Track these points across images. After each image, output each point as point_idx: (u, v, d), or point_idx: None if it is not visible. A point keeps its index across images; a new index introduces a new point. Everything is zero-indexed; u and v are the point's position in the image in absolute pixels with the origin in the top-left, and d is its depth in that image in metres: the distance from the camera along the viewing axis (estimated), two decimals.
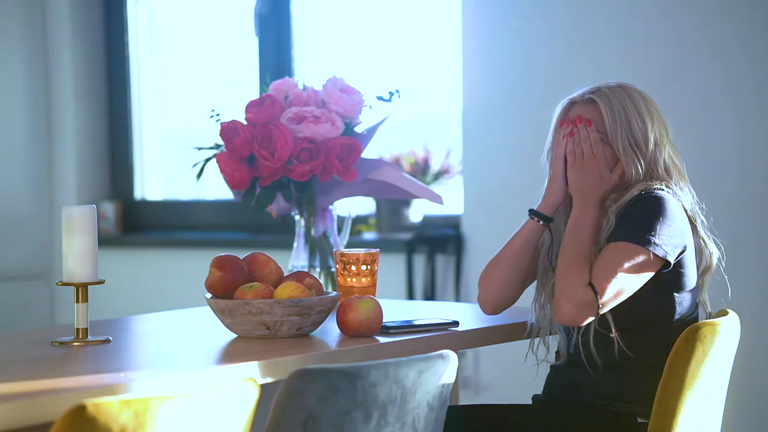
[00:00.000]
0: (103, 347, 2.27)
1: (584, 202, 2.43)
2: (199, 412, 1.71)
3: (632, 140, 2.43)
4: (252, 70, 4.86)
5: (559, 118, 2.52)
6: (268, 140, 2.76)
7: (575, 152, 2.45)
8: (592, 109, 2.47)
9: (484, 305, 2.55)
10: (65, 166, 5.16)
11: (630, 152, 2.43)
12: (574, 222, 2.42)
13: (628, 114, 2.44)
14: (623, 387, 2.40)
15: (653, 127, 2.44)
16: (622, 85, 2.48)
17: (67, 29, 5.11)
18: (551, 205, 2.49)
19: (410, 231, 4.43)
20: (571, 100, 2.52)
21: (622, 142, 2.43)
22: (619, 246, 2.34)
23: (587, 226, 2.41)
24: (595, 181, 2.43)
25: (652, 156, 2.44)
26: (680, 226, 2.37)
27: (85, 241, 2.29)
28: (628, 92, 2.46)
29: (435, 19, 4.57)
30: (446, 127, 4.53)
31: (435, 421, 2.05)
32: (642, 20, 3.80)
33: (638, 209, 2.37)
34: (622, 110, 2.44)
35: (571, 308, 2.34)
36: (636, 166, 2.43)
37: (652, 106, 2.48)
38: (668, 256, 2.34)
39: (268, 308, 2.28)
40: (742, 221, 3.61)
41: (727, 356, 2.38)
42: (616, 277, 2.32)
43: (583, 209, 2.42)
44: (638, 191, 2.39)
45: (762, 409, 3.63)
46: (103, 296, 3.89)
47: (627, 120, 2.44)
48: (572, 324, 2.36)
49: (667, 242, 2.34)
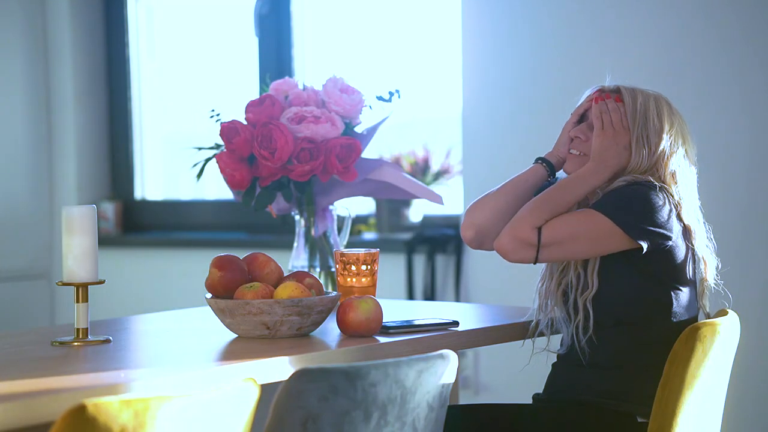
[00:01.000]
0: (103, 347, 2.27)
1: (597, 166, 2.46)
2: (199, 412, 1.71)
3: (644, 135, 2.46)
4: (252, 70, 4.86)
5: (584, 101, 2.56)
6: (268, 140, 2.76)
7: (603, 119, 2.48)
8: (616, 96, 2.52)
9: (467, 229, 2.54)
10: (65, 166, 5.16)
11: (640, 143, 2.46)
12: (575, 176, 2.47)
13: (647, 111, 2.48)
14: (623, 386, 2.40)
15: (669, 132, 2.47)
16: (654, 93, 2.52)
17: (67, 29, 5.11)
18: (555, 155, 2.56)
19: (410, 231, 4.43)
20: (600, 88, 2.56)
21: (636, 134, 2.46)
22: (585, 210, 2.40)
23: (585, 183, 2.45)
24: (619, 152, 2.46)
25: (659, 157, 2.45)
26: (661, 215, 2.37)
27: (85, 241, 2.29)
28: (656, 98, 2.51)
29: (435, 20, 4.57)
30: (446, 127, 4.53)
31: (435, 421, 2.05)
32: (643, 20, 3.80)
33: (620, 189, 2.41)
34: (642, 106, 2.49)
35: (509, 240, 2.39)
36: (641, 158, 2.45)
37: (678, 119, 2.51)
38: (638, 237, 2.35)
39: (268, 308, 2.28)
40: (747, 220, 3.61)
41: (727, 356, 2.38)
42: (567, 230, 2.37)
43: (593, 171, 2.45)
44: (626, 181, 2.42)
45: (762, 409, 3.63)
46: (103, 296, 3.89)
47: (644, 116, 2.48)
48: (505, 256, 2.41)
49: (641, 223, 2.35)
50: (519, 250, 2.39)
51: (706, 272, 2.46)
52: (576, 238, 2.37)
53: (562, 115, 2.62)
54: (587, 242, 2.38)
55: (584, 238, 2.37)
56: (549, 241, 2.38)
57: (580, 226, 2.38)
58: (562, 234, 2.38)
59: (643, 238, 2.36)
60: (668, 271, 2.40)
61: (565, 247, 2.38)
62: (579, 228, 2.38)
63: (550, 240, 2.38)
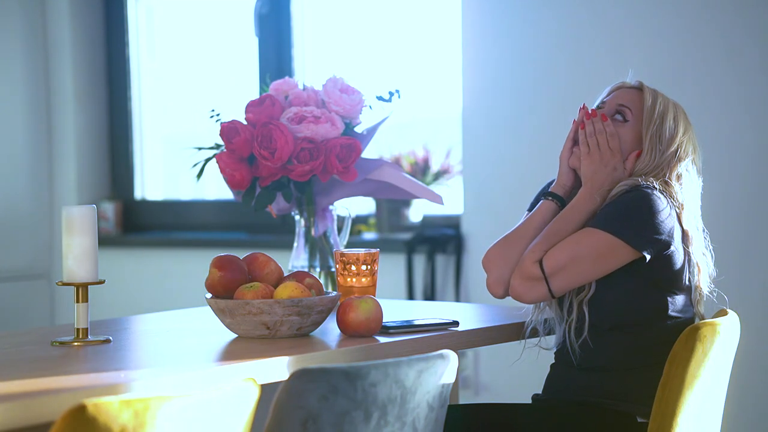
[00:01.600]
0: (103, 347, 2.27)
1: (589, 192, 2.44)
2: (199, 412, 1.71)
3: (658, 135, 2.46)
4: (252, 70, 4.86)
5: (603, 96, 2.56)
6: (268, 140, 2.76)
7: (589, 143, 2.47)
8: (636, 94, 2.51)
9: (496, 285, 2.46)
10: (65, 166, 5.16)
11: (654, 142, 2.46)
12: (571, 205, 2.45)
13: (665, 112, 2.48)
14: (623, 387, 2.40)
15: (683, 136, 2.48)
16: (674, 100, 2.52)
17: (67, 29, 5.11)
18: (561, 186, 2.52)
19: (410, 231, 4.43)
20: (622, 82, 2.56)
21: (651, 132, 2.46)
22: (585, 230, 2.38)
23: (581, 211, 2.43)
24: (609, 174, 2.45)
25: (669, 158, 2.45)
26: (663, 223, 2.36)
27: (85, 241, 2.29)
28: (675, 104, 2.52)
29: (435, 20, 4.57)
30: (446, 127, 4.53)
31: (435, 421, 2.05)
32: (645, 20, 3.80)
33: (619, 201, 2.39)
34: (661, 106, 2.49)
35: (518, 283, 2.39)
36: (651, 158, 2.45)
37: (691, 129, 2.52)
38: (641, 248, 2.34)
39: (268, 308, 2.28)
40: (748, 220, 3.61)
41: (727, 356, 2.38)
42: (567, 254, 2.35)
43: (586, 197, 2.44)
44: (628, 186, 2.40)
45: (762, 409, 3.63)
46: (103, 296, 3.89)
47: (662, 116, 2.48)
48: (521, 300, 2.40)
49: (642, 234, 2.34)
50: (530, 289, 2.37)
51: (699, 279, 2.45)
52: (578, 260, 2.35)
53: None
54: (591, 261, 2.35)
55: (587, 258, 2.35)
56: (552, 270, 2.36)
57: (579, 247, 2.36)
58: (563, 259, 2.36)
59: (646, 247, 2.35)
60: (667, 277, 2.40)
61: (570, 271, 2.36)
62: (579, 249, 2.36)
63: (553, 268, 2.36)
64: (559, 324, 2.47)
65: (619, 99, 2.51)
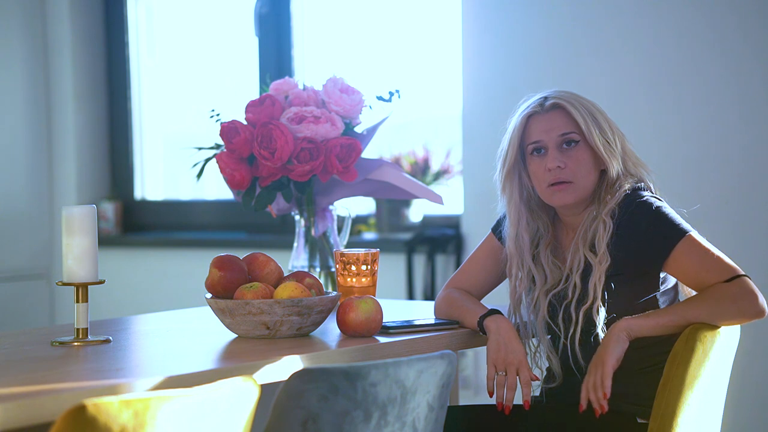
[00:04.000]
0: (103, 347, 2.27)
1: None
2: (199, 412, 1.71)
3: (604, 137, 2.43)
4: (252, 70, 4.86)
5: (518, 133, 2.49)
6: (268, 140, 2.76)
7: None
8: (559, 115, 2.44)
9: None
10: (65, 166, 5.16)
11: (608, 149, 2.42)
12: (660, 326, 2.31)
13: (593, 113, 2.44)
14: (623, 387, 2.40)
15: (612, 124, 2.45)
16: (568, 90, 2.47)
17: (67, 29, 5.11)
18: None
19: (410, 231, 4.43)
20: (528, 114, 2.47)
21: (600, 141, 2.42)
22: (683, 244, 2.33)
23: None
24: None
25: (622, 150, 2.44)
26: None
27: (85, 241, 2.29)
28: (578, 95, 2.46)
29: (435, 19, 4.57)
30: (446, 127, 4.53)
31: (435, 421, 2.05)
32: (643, 19, 3.80)
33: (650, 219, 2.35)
34: (585, 110, 2.43)
35: (756, 304, 2.29)
36: (616, 162, 2.42)
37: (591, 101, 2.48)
38: (690, 229, 2.36)
39: (268, 308, 2.28)
40: (745, 220, 3.61)
41: (727, 356, 2.38)
42: (715, 255, 2.31)
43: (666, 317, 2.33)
44: (625, 194, 2.39)
45: (762, 409, 3.63)
46: (103, 296, 3.89)
47: (594, 118, 2.43)
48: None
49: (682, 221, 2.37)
50: (756, 294, 2.31)
51: None
52: (713, 254, 2.33)
53: None
54: (712, 249, 2.34)
55: (711, 251, 2.33)
56: (736, 265, 2.34)
57: (708, 248, 2.33)
58: (724, 257, 2.33)
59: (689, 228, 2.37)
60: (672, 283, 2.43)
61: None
62: (707, 252, 2.33)
63: (734, 263, 2.34)
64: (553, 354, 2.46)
65: (552, 129, 2.43)
